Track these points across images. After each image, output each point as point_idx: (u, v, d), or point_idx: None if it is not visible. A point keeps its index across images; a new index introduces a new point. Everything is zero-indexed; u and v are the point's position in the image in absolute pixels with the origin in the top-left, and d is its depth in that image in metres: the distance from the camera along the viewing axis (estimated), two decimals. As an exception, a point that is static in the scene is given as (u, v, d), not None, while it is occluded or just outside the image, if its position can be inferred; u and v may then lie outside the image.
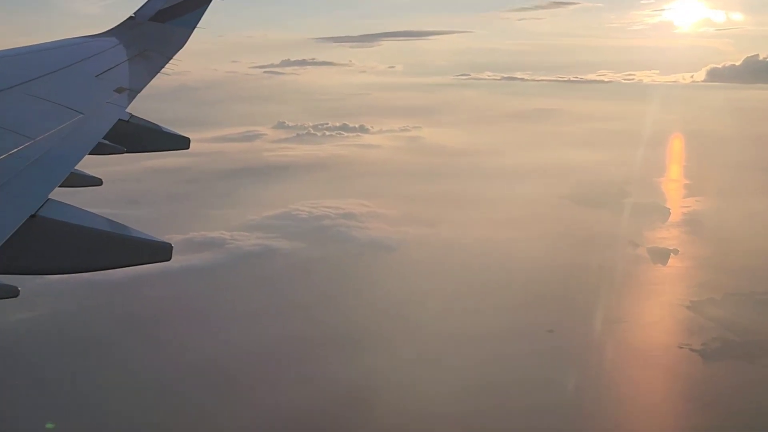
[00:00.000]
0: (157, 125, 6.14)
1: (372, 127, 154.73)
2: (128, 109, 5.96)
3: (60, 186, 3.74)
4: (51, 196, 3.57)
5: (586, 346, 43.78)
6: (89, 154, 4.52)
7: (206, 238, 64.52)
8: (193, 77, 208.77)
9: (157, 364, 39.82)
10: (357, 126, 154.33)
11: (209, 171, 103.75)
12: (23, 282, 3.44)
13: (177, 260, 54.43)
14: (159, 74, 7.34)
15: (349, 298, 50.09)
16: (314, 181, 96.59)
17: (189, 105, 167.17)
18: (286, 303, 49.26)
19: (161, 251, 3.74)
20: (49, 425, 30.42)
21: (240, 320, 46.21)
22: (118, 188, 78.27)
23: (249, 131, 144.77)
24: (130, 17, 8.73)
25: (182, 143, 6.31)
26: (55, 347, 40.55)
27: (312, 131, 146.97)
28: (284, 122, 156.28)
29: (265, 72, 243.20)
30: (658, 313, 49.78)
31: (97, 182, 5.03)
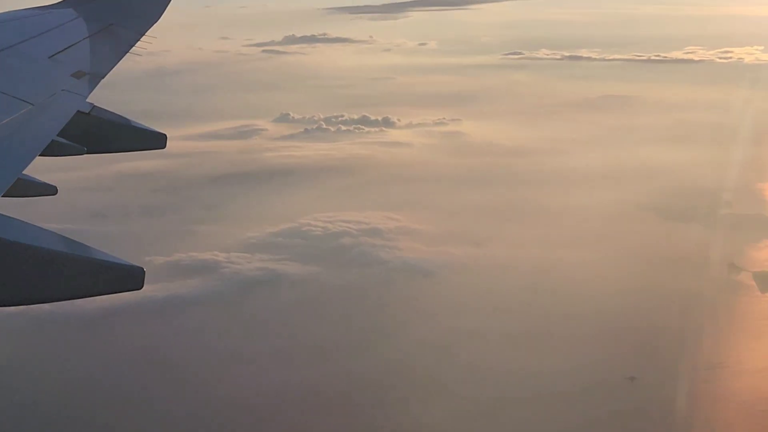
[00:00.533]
0: (126, 119, 6.06)
1: (399, 119, 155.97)
2: (89, 99, 5.74)
3: (3, 196, 3.57)
4: None
5: (676, 399, 43.68)
6: (40, 155, 4.32)
7: (195, 260, 65.70)
8: (173, 59, 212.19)
9: (134, 421, 40.54)
10: (380, 119, 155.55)
11: (195, 176, 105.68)
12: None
13: (158, 289, 56.41)
14: (128, 55, 7.19)
15: (378, 337, 50.49)
16: (329, 189, 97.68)
17: (167, 94, 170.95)
18: (297, 344, 49.80)
19: (131, 277, 3.60)
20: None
21: (239, 366, 46.84)
22: (78, 198, 79.44)
23: (244, 126, 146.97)
24: None
25: (157, 141, 6.26)
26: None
27: (324, 125, 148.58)
28: (289, 114, 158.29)
29: (263, 51, 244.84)
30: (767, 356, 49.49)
31: (50, 191, 5.16)
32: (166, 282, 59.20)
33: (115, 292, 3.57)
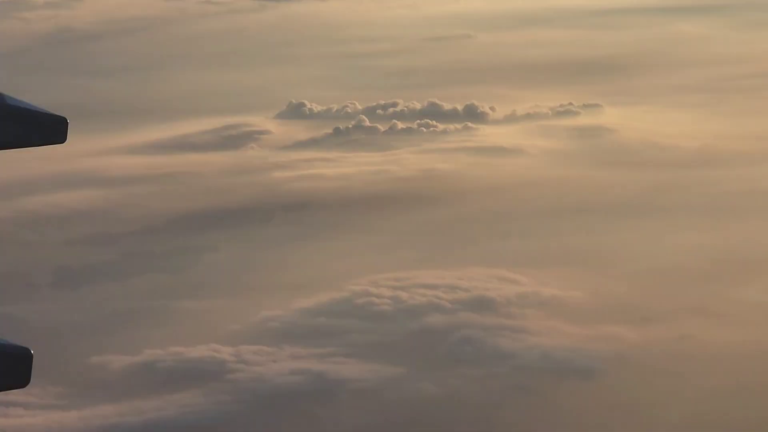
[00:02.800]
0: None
1: (493, 108, 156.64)
2: None
3: None
4: None
5: None
6: None
7: (182, 360, 67.25)
8: (89, 14, 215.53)
9: None
10: (460, 108, 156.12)
11: (159, 216, 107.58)
12: None
13: (125, 411, 57.07)
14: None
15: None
16: (390, 232, 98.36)
17: (93, 76, 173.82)
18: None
19: (14, 368, 4.05)
20: None
21: None
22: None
23: (231, 127, 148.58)
24: None
25: (55, 132, 6.80)
26: None
27: (365, 121, 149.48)
28: (303, 105, 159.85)
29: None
30: None
31: None
32: (139, 397, 59.94)
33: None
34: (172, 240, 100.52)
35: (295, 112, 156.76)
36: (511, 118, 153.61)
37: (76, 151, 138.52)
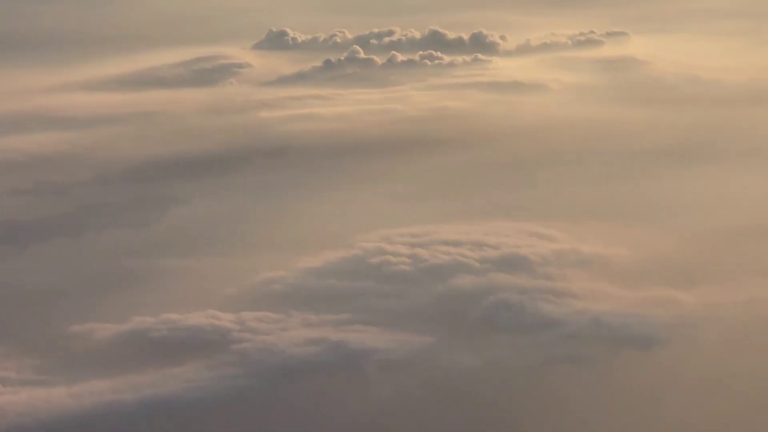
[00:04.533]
0: None
1: (504, 36, 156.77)
2: None
3: None
4: None
5: None
6: None
7: (177, 328, 67.14)
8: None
9: None
10: (466, 37, 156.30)
11: (133, 161, 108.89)
12: None
13: (117, 387, 56.78)
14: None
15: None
16: (400, 180, 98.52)
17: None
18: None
19: None
20: None
21: None
22: None
23: (205, 59, 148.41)
24: None
25: None
26: None
27: (360, 53, 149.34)
28: (285, 33, 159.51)
29: None
30: None
31: None
32: (133, 371, 59.78)
33: None
34: (140, 190, 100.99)
35: (276, 41, 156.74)
36: (524, 49, 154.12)
37: (25, 88, 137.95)
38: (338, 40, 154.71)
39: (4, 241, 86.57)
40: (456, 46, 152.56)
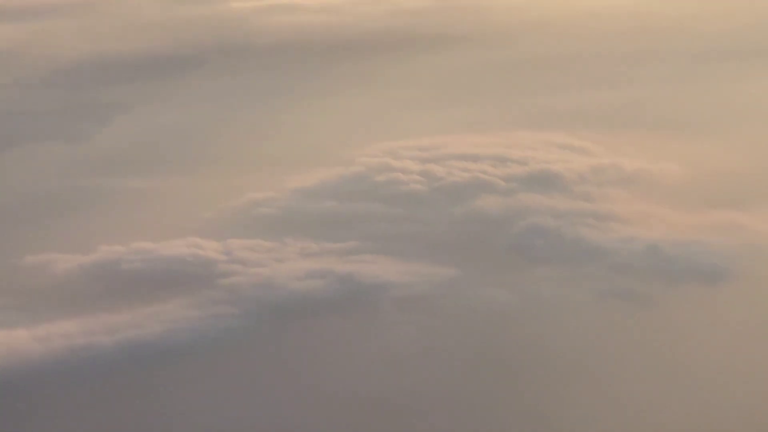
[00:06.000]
0: None
1: None
2: None
3: None
4: None
5: None
6: None
7: (153, 259, 67.24)
8: None
9: None
10: None
11: (63, 58, 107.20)
12: None
13: (94, 328, 56.85)
14: None
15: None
16: (404, 82, 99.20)
17: None
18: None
19: None
20: None
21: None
22: None
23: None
24: None
25: None
26: None
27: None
28: None
29: None
30: None
31: None
32: (107, 310, 59.60)
33: None
34: (79, 96, 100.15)
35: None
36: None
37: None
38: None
39: None
40: None
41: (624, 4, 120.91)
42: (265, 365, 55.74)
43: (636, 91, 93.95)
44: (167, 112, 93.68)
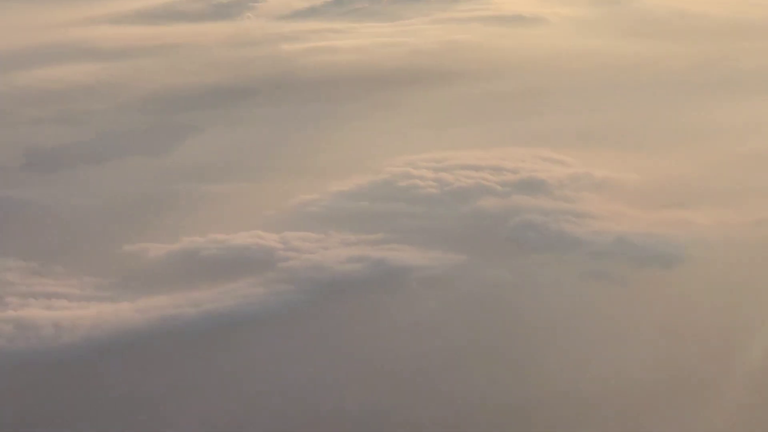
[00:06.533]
0: None
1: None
2: None
3: None
4: None
5: None
6: None
7: (225, 248, 67.41)
8: None
9: None
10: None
11: (161, 92, 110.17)
12: None
13: (170, 303, 57.22)
14: None
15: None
16: (419, 108, 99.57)
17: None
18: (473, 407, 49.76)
19: None
20: None
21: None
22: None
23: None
24: None
25: None
26: None
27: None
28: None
29: None
30: None
31: None
32: (190, 288, 60.14)
33: None
34: (161, 119, 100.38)
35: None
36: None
37: (49, 22, 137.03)
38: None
39: (28, 168, 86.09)
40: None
41: (596, 45, 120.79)
42: (316, 331, 56.27)
43: (605, 116, 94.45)
44: (232, 133, 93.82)
